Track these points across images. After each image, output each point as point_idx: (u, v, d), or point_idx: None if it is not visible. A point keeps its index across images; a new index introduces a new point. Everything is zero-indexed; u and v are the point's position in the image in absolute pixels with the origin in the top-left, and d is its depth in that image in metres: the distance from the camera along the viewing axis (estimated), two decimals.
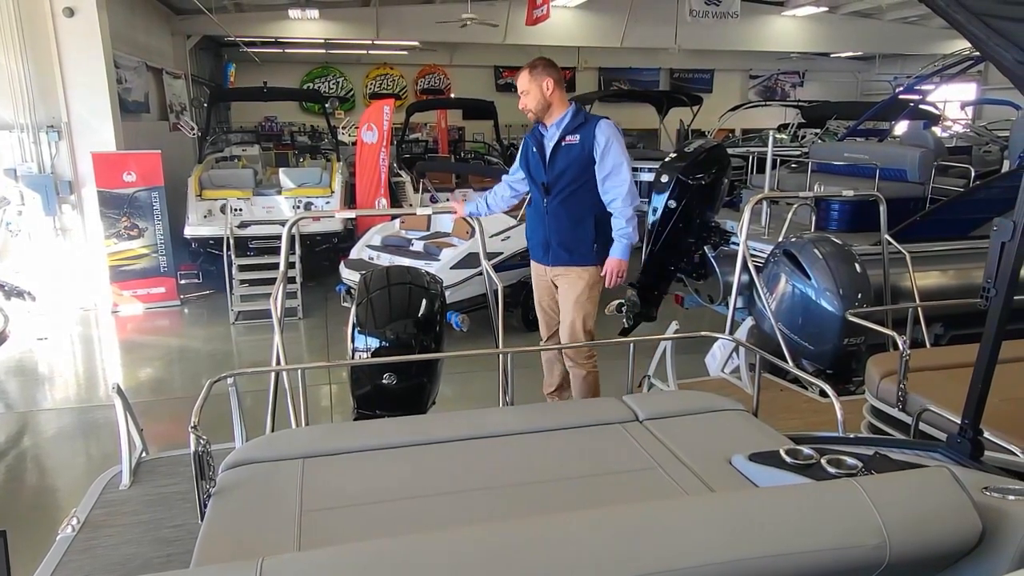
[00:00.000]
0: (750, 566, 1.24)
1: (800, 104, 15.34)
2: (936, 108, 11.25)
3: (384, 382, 2.86)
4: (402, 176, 9.71)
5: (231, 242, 7.56)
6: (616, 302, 4.79)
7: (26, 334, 6.87)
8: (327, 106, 14.00)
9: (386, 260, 6.59)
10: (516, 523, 1.40)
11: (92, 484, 2.46)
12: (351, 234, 8.36)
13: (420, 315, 3.03)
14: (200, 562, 1.50)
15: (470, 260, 6.19)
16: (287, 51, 17.28)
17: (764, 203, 5.55)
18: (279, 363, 2.95)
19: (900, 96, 9.41)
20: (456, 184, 10.29)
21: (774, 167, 5.94)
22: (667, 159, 5.35)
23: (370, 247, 7.09)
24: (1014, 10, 1.40)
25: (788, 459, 1.71)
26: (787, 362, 3.35)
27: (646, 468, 1.88)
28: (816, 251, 3.97)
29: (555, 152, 3.82)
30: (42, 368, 6.32)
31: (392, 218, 7.70)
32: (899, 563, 1.28)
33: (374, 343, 2.95)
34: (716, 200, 5.34)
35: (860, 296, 3.81)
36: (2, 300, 6.22)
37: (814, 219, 5.52)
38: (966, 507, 1.33)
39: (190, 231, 8.07)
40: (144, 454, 2.64)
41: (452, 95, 18.96)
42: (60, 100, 7.60)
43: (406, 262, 5.98)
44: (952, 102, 13.38)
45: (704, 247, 5.46)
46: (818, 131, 13.01)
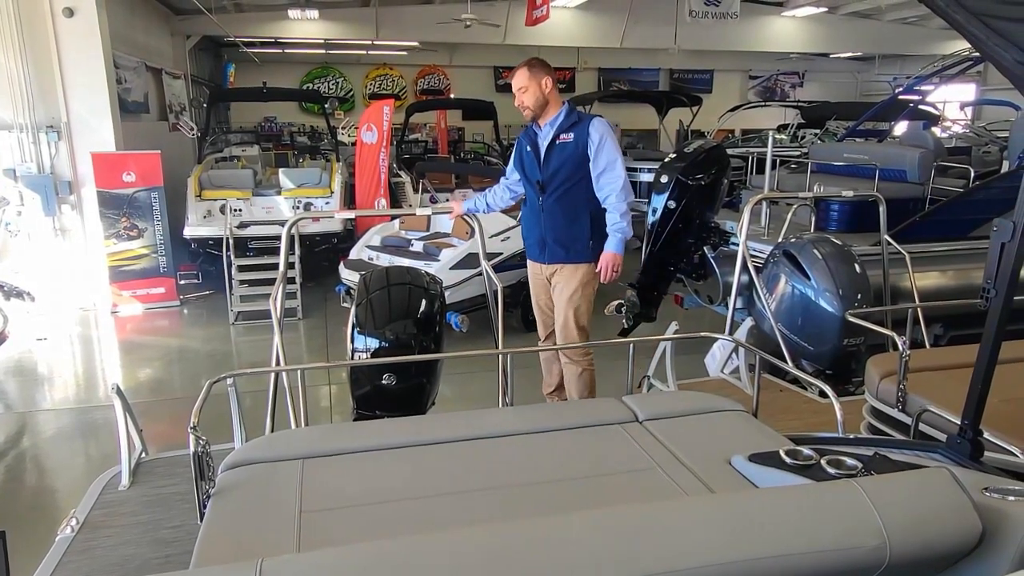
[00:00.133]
0: (750, 567, 1.24)
1: (800, 104, 15.34)
2: (935, 108, 11.25)
3: (384, 383, 2.86)
4: (402, 176, 9.71)
5: (230, 242, 7.56)
6: (616, 302, 4.79)
7: (25, 334, 6.87)
8: (327, 106, 14.00)
9: (386, 260, 6.59)
10: (516, 524, 1.40)
11: (91, 485, 2.46)
12: (351, 234, 8.36)
13: (420, 315, 3.03)
14: (199, 563, 1.50)
15: (470, 260, 6.20)
16: (287, 51, 17.28)
17: (764, 203, 5.55)
18: (278, 363, 2.95)
19: (899, 97, 9.40)
20: (456, 184, 10.30)
21: (774, 167, 5.94)
22: (667, 160, 5.36)
23: (370, 247, 7.08)
24: (1014, 10, 1.40)
25: (788, 460, 1.71)
26: (787, 363, 3.35)
27: (646, 469, 1.88)
28: (816, 251, 3.97)
29: (550, 150, 3.86)
30: (41, 368, 6.31)
31: (392, 218, 7.70)
32: (899, 564, 1.28)
33: (374, 343, 2.96)
34: (716, 200, 5.35)
35: (860, 296, 3.82)
36: (2, 300, 6.21)
37: (814, 219, 5.52)
38: (966, 508, 1.33)
39: (189, 231, 8.07)
40: (143, 455, 2.64)
41: (452, 95, 18.97)
42: (60, 100, 7.60)
43: (406, 262, 5.97)
44: (951, 102, 13.39)
45: (704, 247, 5.47)
46: (817, 131, 13.02)
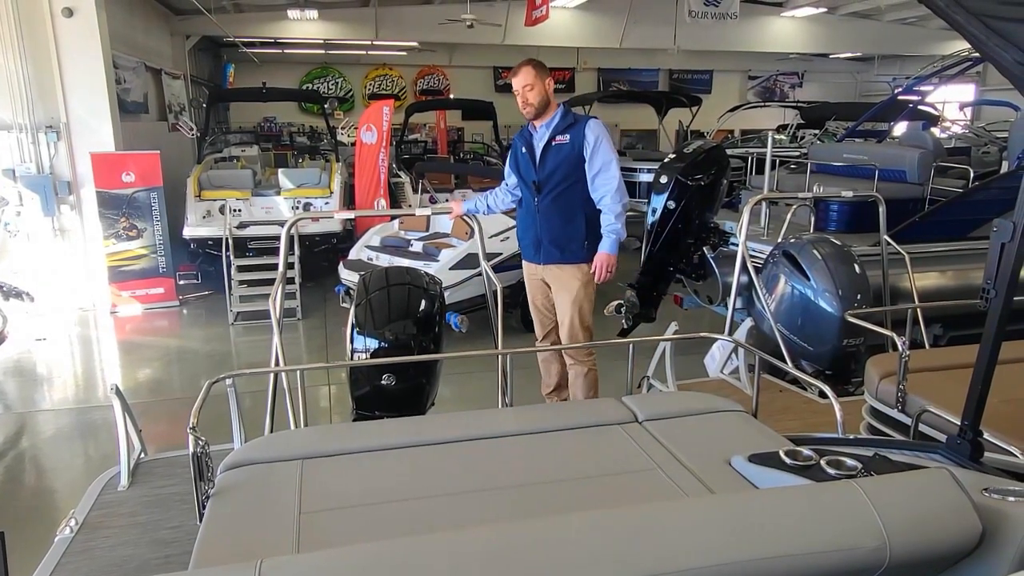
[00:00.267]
0: (750, 568, 1.24)
1: (799, 105, 15.34)
2: (935, 109, 11.25)
3: (383, 383, 2.86)
4: (401, 177, 9.70)
5: (230, 243, 7.56)
6: (615, 303, 4.79)
7: (25, 335, 6.87)
8: (326, 107, 14.00)
9: (385, 261, 6.59)
10: (515, 524, 1.39)
11: (90, 485, 2.45)
12: (350, 235, 8.36)
13: (419, 316, 3.03)
14: (199, 564, 1.50)
15: (469, 261, 6.19)
16: (286, 51, 17.28)
17: (763, 204, 5.55)
18: (278, 364, 2.95)
19: (899, 97, 9.40)
20: (455, 185, 10.30)
21: (773, 168, 5.94)
22: (666, 160, 5.35)
23: (369, 248, 7.08)
24: (1013, 10, 1.40)
25: (788, 460, 1.71)
26: (786, 363, 3.35)
27: (645, 469, 1.88)
28: (815, 252, 3.97)
29: (545, 152, 3.89)
30: (41, 369, 6.31)
31: (391, 219, 7.70)
32: (899, 565, 1.28)
33: (373, 344, 2.95)
34: (715, 201, 5.35)
35: (859, 297, 3.82)
36: (1, 301, 6.20)
37: (813, 220, 5.53)
38: (966, 508, 1.33)
39: (189, 232, 8.06)
40: (143, 455, 2.64)
41: (451, 96, 18.97)
42: (59, 100, 7.59)
43: (405, 263, 5.97)
44: (951, 103, 13.40)
45: (703, 248, 5.47)
46: (817, 132, 13.02)
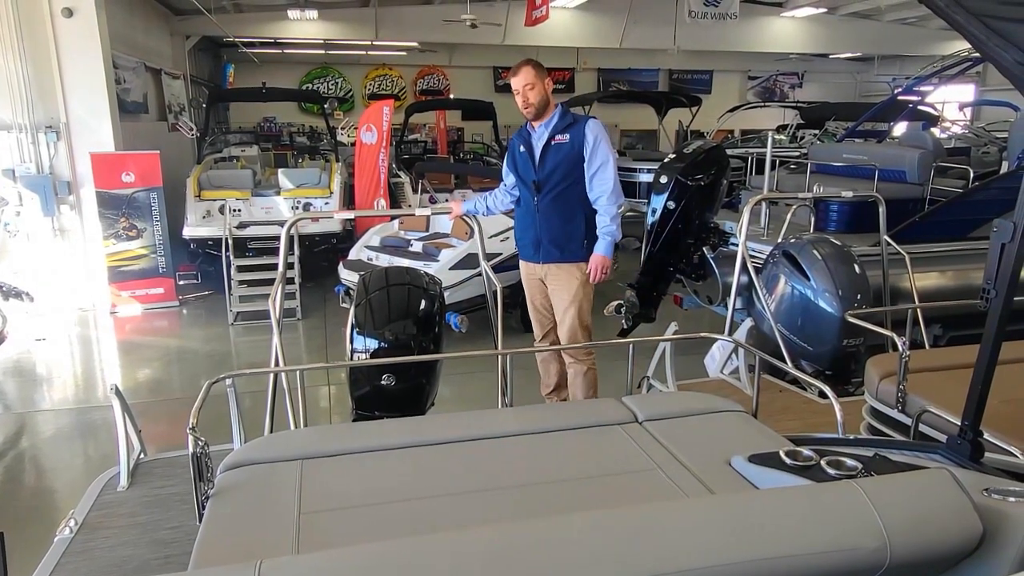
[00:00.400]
0: (750, 568, 1.24)
1: (799, 105, 15.34)
2: (935, 109, 11.25)
3: (383, 383, 2.86)
4: (401, 177, 9.70)
5: (230, 243, 7.55)
6: (615, 303, 4.79)
7: (24, 335, 6.86)
8: (326, 107, 14.00)
9: (385, 261, 6.59)
10: (515, 525, 1.39)
11: (90, 485, 2.45)
12: (350, 235, 8.35)
13: (419, 316, 3.03)
14: (198, 564, 1.50)
15: (469, 261, 6.19)
16: (286, 52, 17.28)
17: (763, 204, 5.55)
18: (278, 364, 2.94)
19: (899, 97, 9.40)
20: (455, 185, 10.29)
21: (773, 168, 5.94)
22: (666, 160, 5.36)
23: (369, 248, 7.08)
24: (1013, 11, 1.40)
25: (788, 461, 1.71)
26: (786, 363, 3.35)
27: (645, 469, 1.88)
28: (815, 252, 3.97)
29: (545, 151, 3.91)
30: (40, 369, 6.31)
31: (391, 219, 7.70)
32: (899, 565, 1.28)
33: (373, 344, 2.95)
34: (715, 201, 5.35)
35: (859, 297, 3.82)
36: (1, 301, 6.20)
37: (813, 220, 5.53)
38: (966, 509, 1.33)
39: (189, 232, 8.06)
40: (142, 455, 2.63)
41: (451, 96, 18.96)
42: (59, 100, 7.59)
43: (405, 263, 5.97)
44: (951, 103, 13.39)
45: (703, 248, 5.47)
46: (817, 132, 13.02)
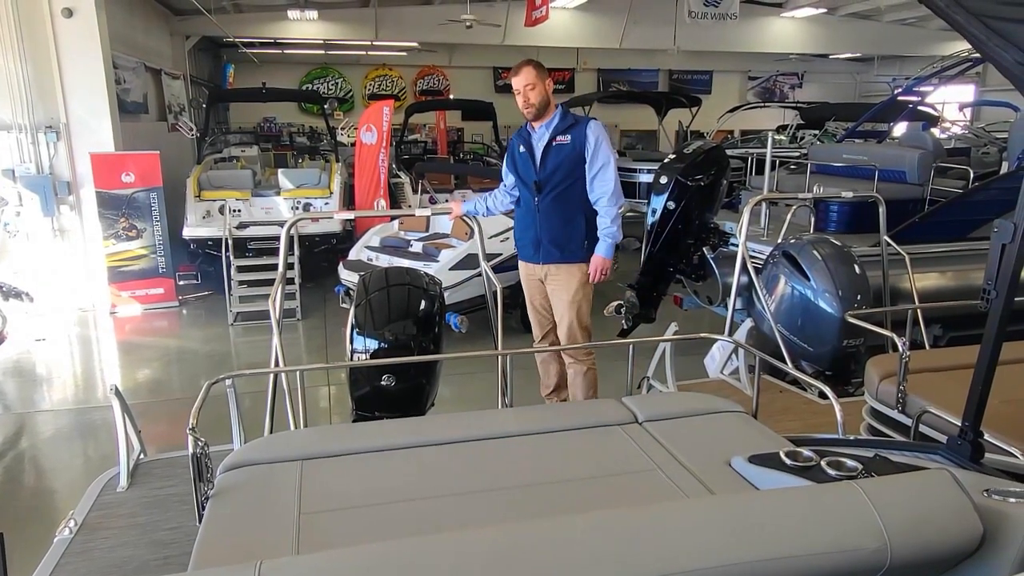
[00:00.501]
0: (750, 569, 1.24)
1: (799, 105, 15.34)
2: (935, 110, 11.25)
3: (383, 384, 2.86)
4: (401, 177, 9.70)
5: (230, 243, 7.55)
6: (615, 303, 4.79)
7: (24, 335, 6.86)
8: (326, 107, 14.00)
9: (385, 261, 6.59)
10: (515, 526, 1.39)
11: (90, 486, 2.45)
12: (350, 235, 8.35)
13: (419, 316, 3.03)
14: (198, 565, 1.50)
15: (469, 261, 6.19)
16: (286, 52, 17.28)
17: (763, 204, 5.56)
18: (277, 364, 2.94)
19: (899, 97, 9.41)
20: (455, 185, 10.29)
21: (773, 168, 5.94)
22: (666, 160, 5.35)
23: (369, 248, 7.08)
24: (1014, 11, 1.40)
25: (788, 461, 1.71)
26: (786, 364, 3.35)
27: (646, 470, 1.88)
28: (815, 252, 3.97)
29: (546, 152, 3.91)
30: (40, 369, 6.31)
31: (391, 219, 7.70)
32: (900, 566, 1.28)
33: (373, 344, 2.95)
34: (715, 201, 5.34)
35: (859, 297, 3.82)
36: (1, 301, 6.20)
37: (813, 220, 5.53)
38: (967, 510, 1.33)
39: (188, 232, 8.05)
40: (142, 456, 2.63)
41: (451, 96, 18.96)
42: (59, 101, 7.59)
43: (405, 263, 5.97)
44: (951, 103, 13.39)
45: (703, 248, 5.46)
46: (817, 132, 13.02)
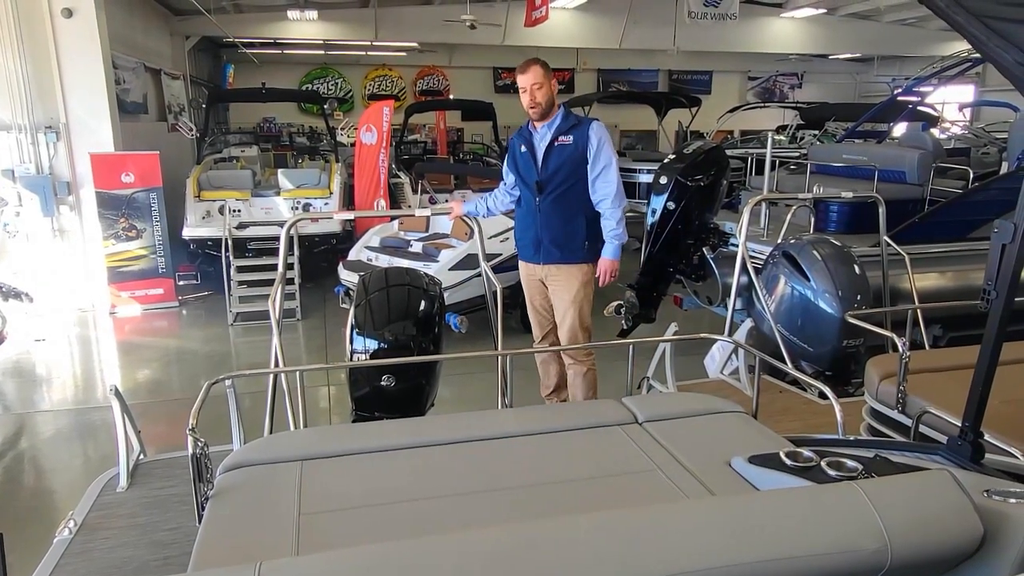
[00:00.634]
0: (750, 570, 1.24)
1: (799, 106, 15.34)
2: (934, 110, 11.25)
3: (383, 384, 2.86)
4: (401, 177, 9.70)
5: (229, 243, 7.55)
6: (615, 303, 4.79)
7: (24, 335, 6.86)
8: (326, 107, 13.99)
9: (385, 261, 6.59)
10: (515, 526, 1.39)
11: (89, 486, 2.44)
12: (350, 235, 8.35)
13: (419, 317, 3.03)
14: (198, 565, 1.50)
15: (469, 261, 6.19)
16: (286, 52, 17.28)
17: (763, 204, 5.55)
18: (277, 365, 2.94)
19: (899, 98, 9.42)
20: (455, 185, 10.29)
21: (773, 168, 5.94)
22: (666, 161, 5.35)
23: (369, 248, 7.08)
24: (1014, 11, 1.40)
25: (788, 462, 1.71)
26: (786, 364, 3.35)
27: (645, 470, 1.88)
28: (815, 253, 3.97)
29: (548, 152, 3.90)
30: (40, 369, 6.30)
31: (391, 219, 7.70)
32: (900, 566, 1.28)
33: (373, 345, 2.95)
34: (715, 201, 5.34)
35: (859, 298, 3.82)
36: (0, 301, 6.20)
37: (813, 220, 5.53)
38: (967, 510, 1.33)
39: (188, 232, 8.05)
40: (142, 456, 2.63)
41: (451, 96, 18.96)
42: (58, 101, 7.59)
43: (405, 263, 5.97)
44: (950, 104, 13.40)
45: (703, 248, 5.47)
46: (817, 132, 13.02)
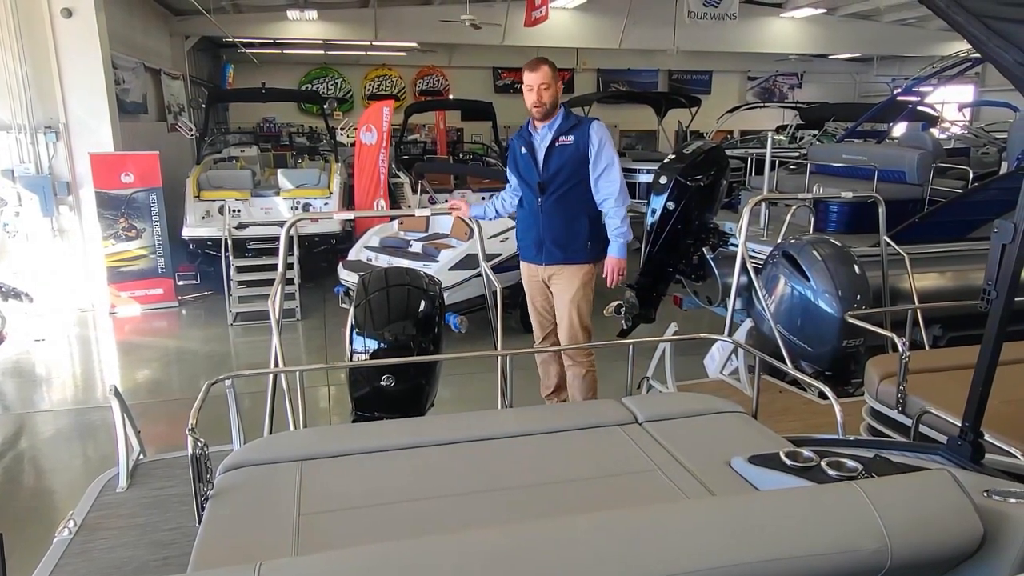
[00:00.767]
0: (750, 570, 1.24)
1: (798, 105, 15.35)
2: (934, 110, 11.25)
3: (382, 384, 2.86)
4: (401, 177, 9.70)
5: (229, 243, 7.55)
6: (615, 303, 4.79)
7: (24, 335, 6.86)
8: (326, 107, 13.99)
9: (384, 261, 6.59)
10: (515, 526, 1.39)
11: (89, 486, 2.44)
12: (349, 235, 8.35)
13: (418, 317, 3.03)
14: (197, 566, 1.50)
15: (469, 261, 6.19)
16: (285, 52, 17.27)
17: (763, 204, 5.55)
18: (277, 365, 2.94)
19: (898, 98, 9.41)
20: (455, 185, 10.29)
21: (773, 168, 5.94)
22: (665, 161, 5.34)
23: (368, 248, 7.08)
24: (1014, 11, 1.40)
25: (788, 462, 1.70)
26: (786, 364, 3.34)
27: (645, 471, 1.88)
28: (815, 253, 3.97)
29: (549, 152, 3.90)
30: (39, 369, 6.30)
31: (391, 219, 7.70)
32: (900, 567, 1.28)
33: (372, 345, 2.95)
34: (715, 201, 5.34)
35: (859, 298, 3.82)
36: (0, 301, 6.20)
37: (813, 220, 5.53)
38: (967, 510, 1.33)
39: (188, 232, 8.05)
40: (141, 456, 2.62)
41: (451, 96, 18.95)
42: (58, 101, 7.59)
43: (404, 263, 5.97)
44: (950, 104, 13.40)
45: (703, 248, 5.46)
46: (816, 132, 13.02)
